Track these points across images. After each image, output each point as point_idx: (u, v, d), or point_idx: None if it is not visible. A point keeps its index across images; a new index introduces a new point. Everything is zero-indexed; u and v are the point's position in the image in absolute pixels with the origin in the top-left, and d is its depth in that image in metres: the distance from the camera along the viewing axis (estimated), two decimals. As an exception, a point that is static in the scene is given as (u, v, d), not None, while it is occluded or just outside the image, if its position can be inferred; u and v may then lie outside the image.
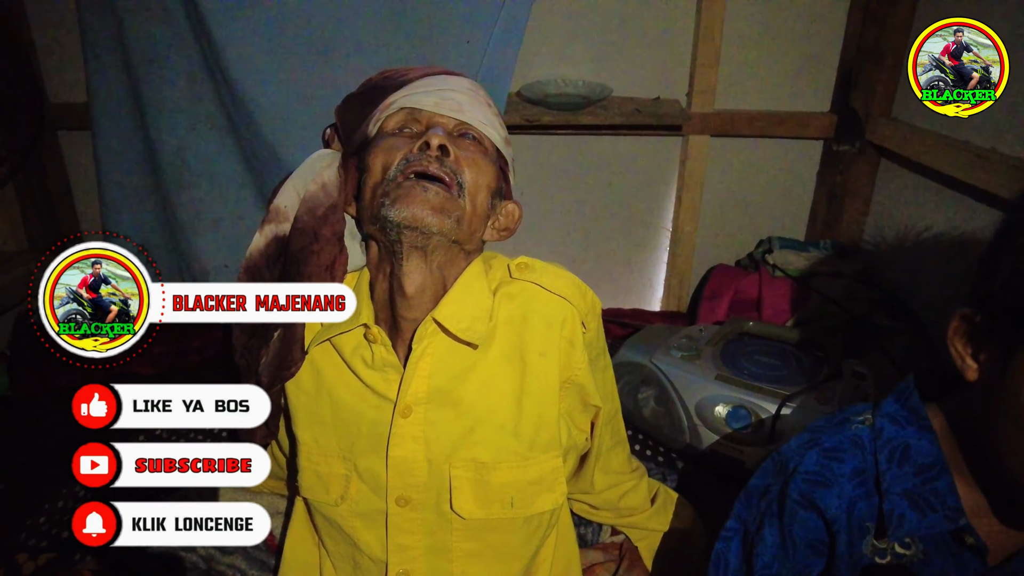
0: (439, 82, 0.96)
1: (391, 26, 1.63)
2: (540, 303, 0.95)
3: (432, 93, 0.94)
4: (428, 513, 0.95)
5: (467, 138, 0.93)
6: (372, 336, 0.91)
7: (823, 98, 1.95)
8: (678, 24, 1.87)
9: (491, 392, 0.93)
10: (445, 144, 0.87)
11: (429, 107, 0.92)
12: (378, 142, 0.92)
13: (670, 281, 2.12)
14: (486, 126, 0.95)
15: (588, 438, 1.05)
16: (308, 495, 0.98)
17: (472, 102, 0.95)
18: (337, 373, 0.95)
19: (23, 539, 1.31)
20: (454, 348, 0.92)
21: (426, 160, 0.86)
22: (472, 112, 0.94)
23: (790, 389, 1.39)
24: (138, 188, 1.89)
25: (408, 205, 0.84)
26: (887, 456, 0.76)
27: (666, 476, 1.38)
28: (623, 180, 2.04)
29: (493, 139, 0.96)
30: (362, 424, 0.94)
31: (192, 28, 1.66)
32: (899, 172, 1.81)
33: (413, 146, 0.88)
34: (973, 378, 0.71)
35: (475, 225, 0.92)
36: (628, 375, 1.55)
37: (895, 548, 0.75)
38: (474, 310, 0.92)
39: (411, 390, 0.91)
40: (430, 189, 0.85)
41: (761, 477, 0.88)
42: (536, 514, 0.97)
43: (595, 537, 1.23)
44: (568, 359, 0.95)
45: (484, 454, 0.93)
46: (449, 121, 0.93)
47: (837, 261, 1.89)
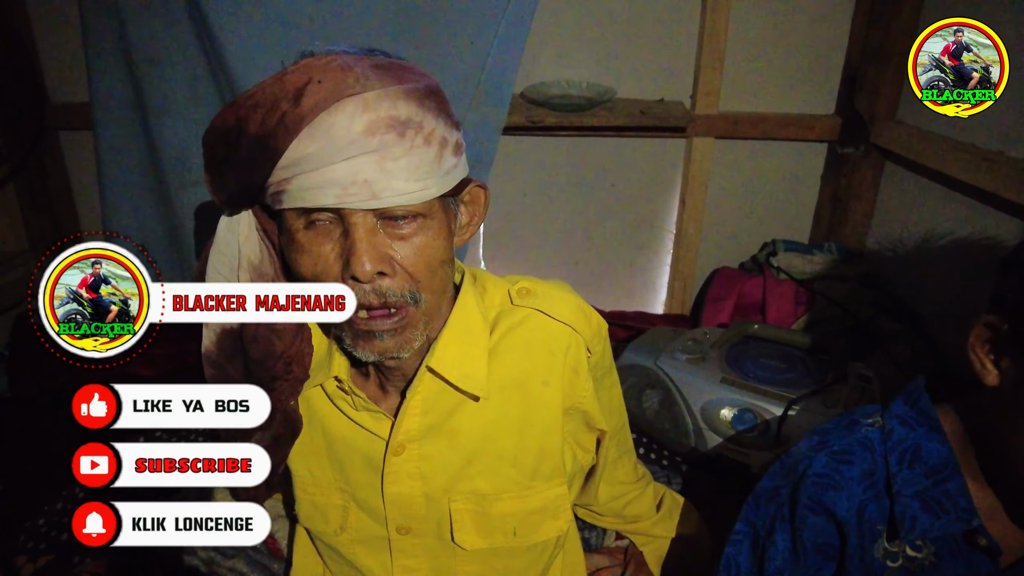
0: (329, 148, 0.68)
1: (395, 28, 1.62)
2: (542, 331, 0.89)
3: (328, 183, 0.68)
4: (430, 540, 0.93)
5: (397, 220, 0.73)
6: (346, 389, 0.85)
7: (827, 101, 1.94)
8: (682, 26, 1.86)
9: (488, 423, 0.88)
10: (381, 268, 0.72)
11: (332, 205, 0.70)
12: (293, 245, 0.75)
13: (673, 283, 2.11)
14: (414, 189, 0.71)
15: (594, 455, 1.02)
16: (307, 525, 0.96)
17: (382, 161, 0.69)
18: (327, 407, 0.90)
19: (22, 541, 1.30)
20: (447, 385, 0.86)
21: (364, 296, 0.72)
22: (389, 183, 0.69)
23: (796, 392, 1.38)
24: (139, 188, 1.88)
25: (371, 351, 0.77)
26: (897, 458, 0.76)
27: (670, 480, 1.37)
28: (626, 182, 2.04)
29: (427, 192, 0.72)
30: (355, 457, 0.90)
31: (195, 29, 1.65)
32: (904, 175, 1.80)
33: (339, 268, 0.73)
34: (993, 384, 0.71)
35: (443, 292, 0.82)
36: (632, 378, 1.53)
37: (906, 551, 0.75)
38: (471, 350, 0.85)
39: (403, 429, 0.86)
40: (385, 336, 0.76)
41: (770, 479, 0.87)
42: (540, 542, 0.94)
43: (599, 541, 1.22)
44: (572, 387, 0.90)
45: (484, 485, 0.90)
46: (366, 215, 0.71)
47: (841, 264, 1.88)
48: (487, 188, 0.85)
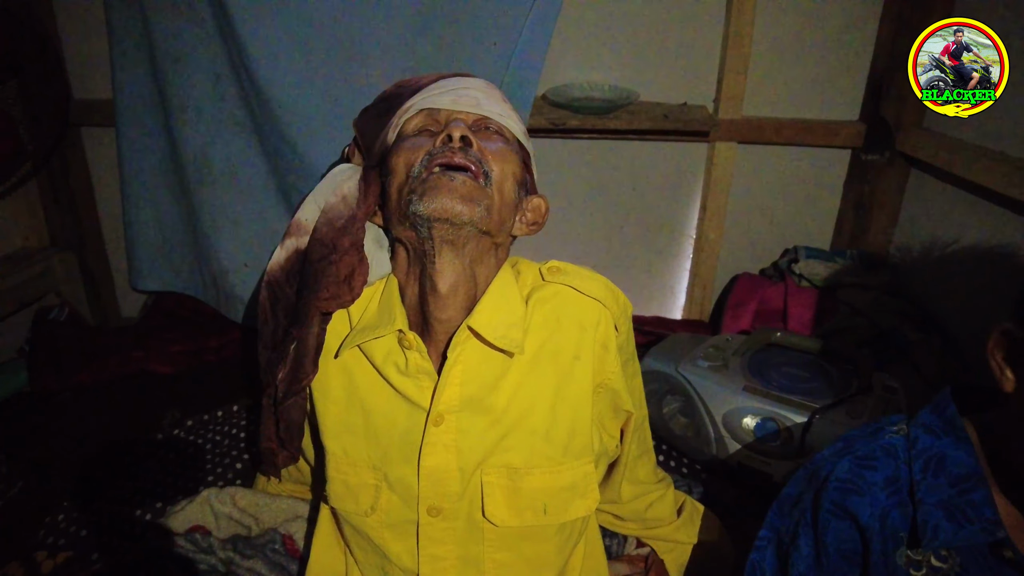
0: (454, 83, 0.97)
1: (418, 28, 1.62)
2: (573, 306, 0.94)
3: (448, 92, 0.94)
4: (460, 523, 0.93)
5: (488, 130, 0.94)
6: (407, 342, 0.90)
7: (852, 107, 1.92)
8: (707, 29, 1.85)
9: (524, 398, 0.92)
10: (467, 135, 0.87)
11: (447, 105, 0.93)
12: (400, 144, 0.92)
13: (693, 289, 2.10)
14: (505, 118, 0.96)
15: (618, 444, 1.04)
16: (337, 505, 0.97)
17: (488, 98, 0.96)
18: (369, 380, 0.94)
19: (42, 537, 1.31)
20: (486, 355, 0.91)
21: (450, 151, 0.86)
22: (490, 106, 0.95)
23: (819, 402, 1.36)
24: (160, 185, 1.89)
25: (436, 197, 0.83)
26: (921, 466, 0.76)
27: (691, 488, 1.36)
28: (647, 186, 2.02)
29: (514, 131, 0.97)
30: (394, 432, 0.92)
31: (218, 27, 1.66)
32: (930, 183, 1.77)
33: (435, 141, 0.88)
34: (1010, 390, 0.72)
35: (504, 215, 0.91)
36: (653, 384, 1.52)
37: (931, 561, 0.74)
38: (509, 317, 0.91)
39: (443, 398, 0.90)
40: (457, 178, 0.84)
41: (793, 486, 0.87)
42: (569, 521, 0.95)
43: (620, 549, 1.21)
44: (602, 363, 0.94)
45: (516, 459, 0.92)
46: (468, 116, 0.93)
47: (864, 273, 1.86)
48: (547, 200, 1.00)
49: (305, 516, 1.21)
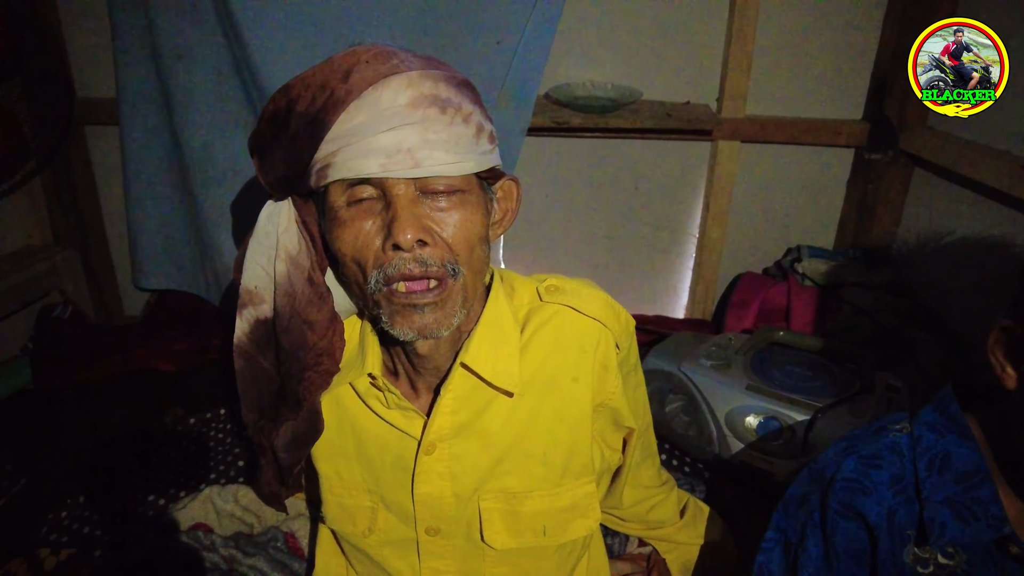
0: (375, 118, 0.71)
1: (421, 26, 1.62)
2: (572, 327, 0.89)
3: (373, 152, 0.71)
4: (459, 541, 0.92)
5: (438, 194, 0.75)
6: (380, 386, 0.86)
7: (856, 105, 1.92)
8: (710, 28, 1.84)
9: (518, 421, 0.88)
10: (421, 237, 0.73)
11: (376, 172, 0.72)
12: (335, 222, 0.76)
13: (695, 288, 2.09)
14: (454, 160, 0.74)
15: (621, 455, 1.02)
16: (334, 527, 0.96)
17: (424, 132, 0.72)
18: (357, 405, 0.90)
19: (44, 533, 1.31)
20: (479, 383, 0.87)
21: (404, 266, 0.73)
22: (431, 153, 0.72)
23: (822, 401, 1.36)
24: (163, 184, 1.89)
25: (406, 326, 0.76)
26: (927, 464, 0.76)
27: (693, 487, 1.36)
28: (650, 184, 2.02)
29: (466, 166, 0.75)
30: (386, 457, 0.90)
31: (221, 25, 1.66)
32: (933, 181, 1.77)
33: (381, 240, 0.74)
34: (1012, 386, 0.72)
35: (480, 274, 0.82)
36: (656, 383, 1.52)
37: (938, 558, 0.74)
38: (503, 347, 0.85)
39: (434, 427, 0.87)
40: (425, 309, 0.76)
41: (798, 486, 0.87)
42: (569, 541, 0.94)
43: (622, 548, 1.21)
44: (602, 383, 0.90)
45: (514, 484, 0.90)
46: (408, 186, 0.73)
47: (867, 271, 1.85)
48: (519, 182, 0.87)
49: (307, 514, 1.21)
